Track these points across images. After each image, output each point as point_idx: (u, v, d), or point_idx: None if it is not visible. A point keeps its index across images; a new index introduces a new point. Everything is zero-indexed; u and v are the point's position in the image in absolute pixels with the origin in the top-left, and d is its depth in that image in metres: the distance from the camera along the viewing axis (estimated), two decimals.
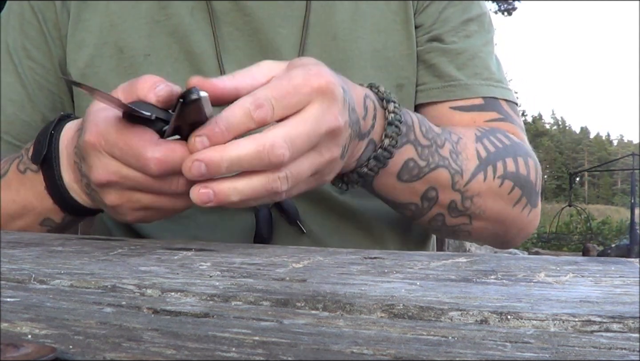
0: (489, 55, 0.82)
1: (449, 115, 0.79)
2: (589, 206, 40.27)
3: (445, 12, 0.80)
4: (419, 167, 0.65)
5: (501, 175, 0.71)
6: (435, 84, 0.80)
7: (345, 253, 0.51)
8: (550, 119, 71.85)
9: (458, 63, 0.79)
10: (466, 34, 0.80)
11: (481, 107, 0.79)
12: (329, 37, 0.77)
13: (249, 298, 0.33)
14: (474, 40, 0.81)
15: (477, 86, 0.79)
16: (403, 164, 0.64)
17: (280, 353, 0.23)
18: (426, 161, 0.65)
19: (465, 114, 0.79)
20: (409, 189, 0.66)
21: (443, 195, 0.68)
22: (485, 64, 0.80)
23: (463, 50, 0.80)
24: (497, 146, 0.73)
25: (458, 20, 0.80)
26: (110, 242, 0.56)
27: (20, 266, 0.42)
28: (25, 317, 0.28)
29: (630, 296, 0.33)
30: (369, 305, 0.31)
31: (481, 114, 0.79)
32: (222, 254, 0.49)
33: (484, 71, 0.80)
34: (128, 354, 0.23)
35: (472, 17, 0.81)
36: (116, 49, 0.77)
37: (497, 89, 0.80)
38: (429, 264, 0.44)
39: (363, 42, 0.78)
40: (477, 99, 0.79)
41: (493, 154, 0.72)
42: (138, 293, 0.34)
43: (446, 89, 0.79)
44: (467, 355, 0.24)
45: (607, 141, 69.59)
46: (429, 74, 0.80)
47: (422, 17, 0.80)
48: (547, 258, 0.48)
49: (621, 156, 29.36)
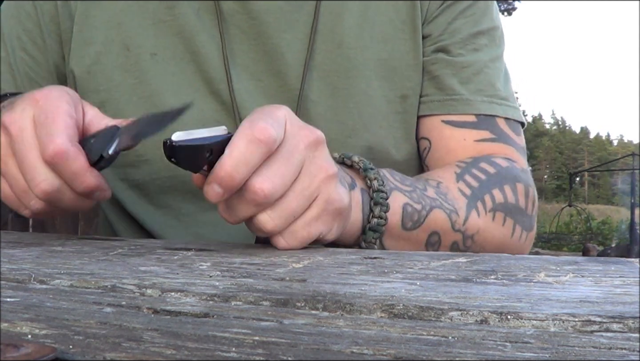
0: (497, 71, 0.80)
1: (440, 128, 0.78)
2: (589, 206, 40.25)
3: (455, 24, 0.78)
4: (417, 211, 0.64)
5: (491, 208, 0.71)
6: (437, 96, 0.78)
7: (345, 253, 0.51)
8: (550, 119, 71.79)
9: (462, 77, 0.78)
10: (474, 48, 0.79)
11: (474, 124, 0.77)
12: (335, 45, 0.76)
13: (249, 298, 0.33)
14: (482, 55, 0.79)
15: (479, 102, 0.77)
16: (402, 211, 0.63)
17: (280, 353, 0.23)
18: (420, 204, 0.64)
19: (456, 130, 0.77)
20: (415, 238, 0.65)
21: (445, 238, 0.67)
22: (490, 80, 0.79)
23: (469, 64, 0.78)
24: (481, 179, 0.71)
25: (468, 32, 0.78)
26: (110, 242, 0.56)
27: (20, 266, 0.42)
28: (25, 317, 0.28)
29: (630, 296, 0.33)
30: (369, 305, 0.31)
31: (472, 132, 0.77)
32: (222, 254, 0.49)
33: (489, 87, 0.78)
34: (128, 354, 0.23)
35: (482, 30, 0.79)
36: (122, 46, 0.77)
37: (500, 107, 0.78)
38: (429, 264, 0.44)
39: (369, 51, 0.76)
40: (471, 116, 0.77)
41: (478, 188, 0.71)
42: (138, 293, 0.34)
43: (446, 102, 0.78)
44: (467, 355, 0.24)
45: (607, 141, 69.55)
46: (431, 86, 0.78)
47: (431, 27, 0.78)
48: (547, 258, 0.48)
49: (621, 156, 29.36)
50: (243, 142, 0.48)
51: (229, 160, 0.47)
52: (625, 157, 18.60)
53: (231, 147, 0.48)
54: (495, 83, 0.79)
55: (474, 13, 0.79)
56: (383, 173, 0.64)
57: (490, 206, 0.71)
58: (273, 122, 0.49)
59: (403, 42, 0.77)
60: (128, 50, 0.77)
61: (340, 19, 0.76)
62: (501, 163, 0.75)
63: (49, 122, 0.52)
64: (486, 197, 0.71)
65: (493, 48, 0.80)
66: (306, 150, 0.51)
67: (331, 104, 0.76)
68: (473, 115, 0.77)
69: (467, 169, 0.72)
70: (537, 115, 71.16)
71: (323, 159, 0.53)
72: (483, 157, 0.75)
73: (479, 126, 0.77)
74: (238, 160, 0.47)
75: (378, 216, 0.60)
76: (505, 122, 0.79)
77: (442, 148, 0.78)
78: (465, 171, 0.72)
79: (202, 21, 0.76)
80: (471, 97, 0.77)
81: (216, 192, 0.48)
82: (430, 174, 0.73)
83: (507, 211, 0.72)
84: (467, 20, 0.79)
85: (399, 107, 0.78)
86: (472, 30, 0.79)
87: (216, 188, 0.48)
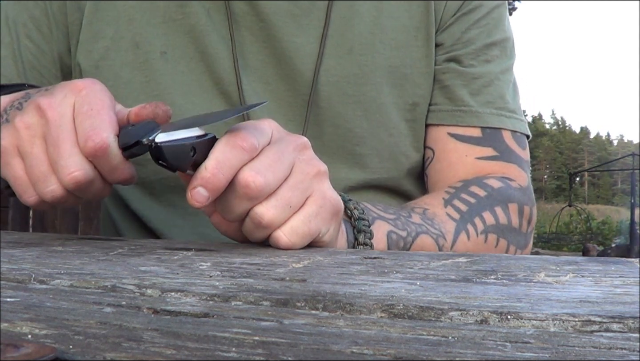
0: (506, 83, 0.80)
1: (445, 140, 0.78)
2: (589, 206, 40.27)
3: (468, 33, 0.78)
4: (402, 238, 0.64)
5: (483, 230, 0.71)
6: (446, 106, 0.78)
7: (345, 253, 0.51)
8: (550, 119, 71.86)
9: (472, 88, 0.77)
10: (486, 59, 0.78)
11: (478, 140, 0.77)
12: (345, 50, 0.75)
13: (249, 298, 0.33)
14: (493, 67, 0.79)
15: (487, 115, 0.77)
16: (387, 239, 0.63)
17: (280, 353, 0.23)
18: (406, 230, 0.64)
19: (459, 144, 0.77)
20: None
21: None
22: (500, 92, 0.78)
23: (480, 75, 0.78)
24: (470, 203, 0.71)
25: (481, 43, 0.78)
26: (110, 242, 0.56)
27: (20, 266, 0.42)
28: (25, 317, 0.28)
29: (630, 296, 0.33)
30: (369, 305, 0.31)
31: (475, 148, 0.77)
32: (222, 254, 0.49)
33: (498, 99, 0.78)
34: (128, 354, 0.23)
35: (495, 41, 0.79)
36: (132, 43, 0.76)
37: (509, 120, 0.78)
38: (429, 264, 0.44)
39: (380, 57, 0.76)
40: (476, 130, 0.77)
41: (467, 212, 0.71)
42: (138, 293, 0.34)
43: (455, 113, 0.78)
44: (467, 355, 0.24)
45: (607, 141, 69.63)
46: (441, 95, 0.78)
47: (444, 36, 0.78)
48: (547, 258, 0.48)
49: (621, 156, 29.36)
50: (226, 147, 0.48)
51: (212, 162, 0.48)
52: (625, 157, 18.60)
53: (214, 152, 0.48)
54: (505, 95, 0.79)
55: (488, 23, 0.79)
56: (364, 205, 0.64)
57: (482, 228, 0.71)
58: (256, 132, 0.50)
59: (416, 49, 0.77)
60: (137, 48, 0.76)
61: (351, 24, 0.75)
62: (493, 185, 0.74)
63: (94, 114, 0.51)
64: (476, 220, 0.70)
65: (504, 60, 0.80)
66: (294, 152, 0.52)
67: (340, 111, 0.76)
68: (479, 129, 0.77)
69: (456, 194, 0.72)
70: (537, 115, 71.19)
71: (312, 158, 0.53)
72: (475, 179, 0.75)
73: (483, 142, 0.77)
74: (221, 162, 0.48)
75: (363, 243, 0.60)
76: (512, 135, 0.79)
77: (444, 160, 0.78)
78: (454, 196, 0.72)
79: (213, 21, 0.75)
80: (480, 109, 0.77)
81: (201, 195, 0.48)
82: (416, 202, 0.73)
83: (499, 232, 0.72)
84: (481, 30, 0.78)
85: (409, 115, 0.78)
86: (486, 41, 0.78)
87: (201, 190, 0.48)
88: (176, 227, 0.78)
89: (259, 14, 0.74)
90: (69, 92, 0.53)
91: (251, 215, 0.50)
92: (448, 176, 0.77)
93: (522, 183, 0.78)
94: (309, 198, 0.52)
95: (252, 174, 0.48)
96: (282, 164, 0.50)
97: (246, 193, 0.49)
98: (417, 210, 0.69)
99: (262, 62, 0.75)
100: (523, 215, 0.75)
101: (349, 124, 0.76)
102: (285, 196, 0.50)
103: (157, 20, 0.76)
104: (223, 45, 0.75)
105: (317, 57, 0.74)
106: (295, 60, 0.75)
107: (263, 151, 0.50)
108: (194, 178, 0.48)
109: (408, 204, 0.72)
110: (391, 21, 0.76)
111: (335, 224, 0.55)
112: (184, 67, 0.75)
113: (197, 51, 0.75)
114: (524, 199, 0.76)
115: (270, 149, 0.50)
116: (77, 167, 0.51)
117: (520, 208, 0.75)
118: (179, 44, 0.75)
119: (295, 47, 0.75)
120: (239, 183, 0.49)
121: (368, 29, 0.76)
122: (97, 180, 0.53)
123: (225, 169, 0.48)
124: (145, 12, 0.76)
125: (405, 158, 0.79)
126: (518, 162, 0.79)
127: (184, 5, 0.75)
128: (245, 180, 0.48)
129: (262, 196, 0.49)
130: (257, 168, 0.49)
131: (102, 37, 0.77)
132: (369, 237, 0.60)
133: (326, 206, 0.53)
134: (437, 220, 0.68)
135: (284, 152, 0.51)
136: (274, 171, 0.50)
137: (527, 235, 0.76)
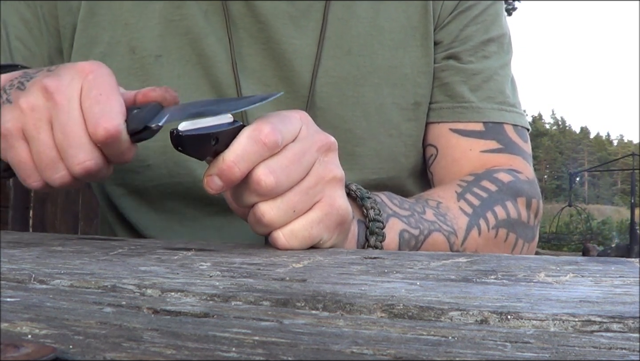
0: (505, 78, 0.80)
1: (447, 137, 0.78)
2: (589, 206, 40.26)
3: (466, 30, 0.78)
4: (414, 236, 0.64)
5: (494, 225, 0.71)
6: (447, 103, 0.78)
7: (345, 253, 0.51)
8: (550, 119, 71.86)
9: (472, 84, 0.78)
10: (484, 55, 0.79)
11: (481, 134, 0.77)
12: (343, 51, 0.75)
13: (249, 298, 0.33)
14: (491, 62, 0.79)
15: (489, 110, 0.78)
16: (400, 238, 0.63)
17: (280, 353, 0.23)
18: (418, 229, 0.64)
19: (462, 139, 0.77)
20: None
21: None
22: (500, 87, 0.79)
23: (479, 71, 0.78)
24: (482, 197, 0.72)
25: (478, 39, 0.79)
26: (110, 242, 0.56)
27: (20, 266, 0.42)
28: (25, 317, 0.28)
29: (630, 296, 0.33)
30: (369, 305, 0.31)
31: (479, 142, 0.77)
32: (222, 254, 0.49)
33: (498, 94, 0.78)
34: (128, 354, 0.23)
35: (492, 37, 0.79)
36: (128, 48, 0.76)
37: (510, 114, 0.78)
38: (429, 264, 0.44)
39: (379, 57, 0.76)
40: (479, 124, 0.77)
41: (480, 206, 0.71)
42: (138, 293, 0.34)
43: (457, 110, 0.78)
44: (467, 355, 0.24)
45: (607, 141, 69.61)
46: (441, 93, 0.78)
47: (442, 34, 0.78)
48: (547, 258, 0.48)
49: (621, 156, 29.35)
50: (247, 141, 0.48)
51: (231, 155, 0.48)
52: (625, 157, 18.58)
53: (235, 144, 0.48)
54: (504, 90, 0.79)
55: (485, 20, 0.79)
56: (381, 199, 0.63)
57: (494, 223, 0.71)
58: (283, 127, 0.50)
59: (414, 48, 0.77)
60: (134, 53, 0.75)
61: (349, 25, 0.75)
62: (503, 179, 0.74)
63: (103, 99, 0.50)
64: (488, 214, 0.71)
65: (502, 55, 0.80)
66: (318, 152, 0.52)
67: (339, 112, 0.75)
68: (481, 123, 0.78)
69: (469, 188, 0.72)
70: (537, 115, 71.21)
71: (333, 163, 0.53)
72: (485, 173, 0.75)
73: (486, 136, 0.78)
74: (240, 156, 0.48)
75: (373, 246, 0.60)
76: (514, 128, 0.79)
77: (448, 157, 0.78)
78: (466, 190, 0.72)
79: (210, 23, 0.74)
80: (481, 104, 0.77)
81: (216, 183, 0.49)
82: (430, 193, 0.73)
83: (509, 227, 0.72)
84: (479, 27, 0.79)
85: (411, 115, 0.78)
86: (483, 37, 0.79)
87: (216, 180, 0.48)
88: (174, 233, 0.77)
89: (257, 15, 0.74)
90: (76, 75, 0.52)
91: (254, 210, 0.51)
92: (454, 171, 0.77)
93: (529, 175, 0.78)
94: (317, 203, 0.52)
95: (265, 173, 0.48)
96: (300, 166, 0.50)
97: (256, 189, 0.49)
98: (431, 203, 0.69)
99: (260, 64, 0.75)
100: (531, 208, 0.75)
101: (348, 125, 0.76)
102: (292, 199, 0.50)
103: (153, 22, 0.75)
104: (221, 47, 0.74)
105: (316, 58, 0.74)
106: (293, 62, 0.74)
107: (285, 148, 0.50)
108: (211, 165, 0.49)
109: (422, 196, 0.71)
110: (389, 22, 0.76)
111: (340, 233, 0.55)
112: (180, 70, 0.75)
113: (194, 53, 0.75)
114: (532, 192, 0.77)
115: (292, 148, 0.50)
116: (88, 156, 0.51)
117: (529, 201, 0.75)
118: (175, 46, 0.75)
119: (294, 48, 0.74)
120: (251, 178, 0.49)
121: (366, 29, 0.76)
122: (104, 167, 0.52)
123: (243, 163, 0.48)
124: (142, 14, 0.76)
125: (405, 158, 0.79)
126: (522, 155, 0.79)
127: (181, 6, 0.75)
128: (258, 177, 0.49)
129: (270, 195, 0.50)
130: (273, 167, 0.49)
131: (98, 43, 0.76)
132: (381, 240, 0.60)
133: (332, 215, 0.52)
134: (449, 215, 0.68)
135: (305, 153, 0.51)
136: (289, 173, 0.50)
137: (534, 228, 0.76)
